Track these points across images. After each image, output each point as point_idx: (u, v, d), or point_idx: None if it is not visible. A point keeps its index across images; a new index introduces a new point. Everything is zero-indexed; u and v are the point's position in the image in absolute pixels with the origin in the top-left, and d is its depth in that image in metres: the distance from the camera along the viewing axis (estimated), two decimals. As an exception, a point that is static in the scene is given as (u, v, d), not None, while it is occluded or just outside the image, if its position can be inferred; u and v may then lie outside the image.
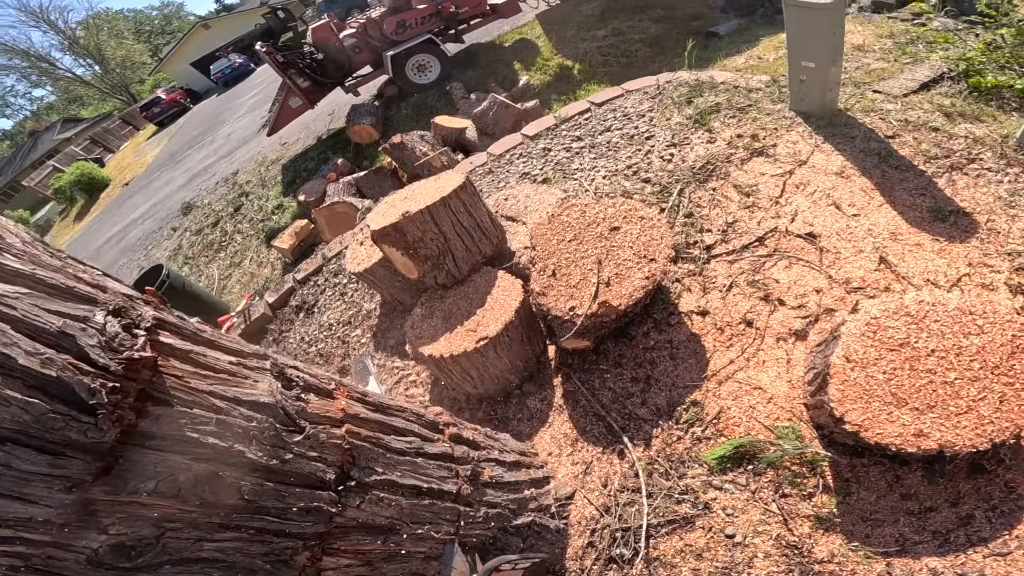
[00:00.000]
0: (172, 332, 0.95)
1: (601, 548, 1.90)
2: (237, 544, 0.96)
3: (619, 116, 3.95)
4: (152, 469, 0.82)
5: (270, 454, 0.98)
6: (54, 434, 0.71)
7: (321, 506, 1.06)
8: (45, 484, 0.73)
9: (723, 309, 2.39)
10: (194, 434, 0.87)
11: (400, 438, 1.34)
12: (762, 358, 2.18)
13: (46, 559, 0.77)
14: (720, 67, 4.53)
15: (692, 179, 3.00)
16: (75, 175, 20.01)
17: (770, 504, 1.80)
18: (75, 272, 0.85)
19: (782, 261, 2.48)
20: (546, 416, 2.39)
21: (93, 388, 0.73)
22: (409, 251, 2.29)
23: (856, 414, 1.54)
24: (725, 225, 2.72)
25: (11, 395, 0.68)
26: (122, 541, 0.83)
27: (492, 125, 5.41)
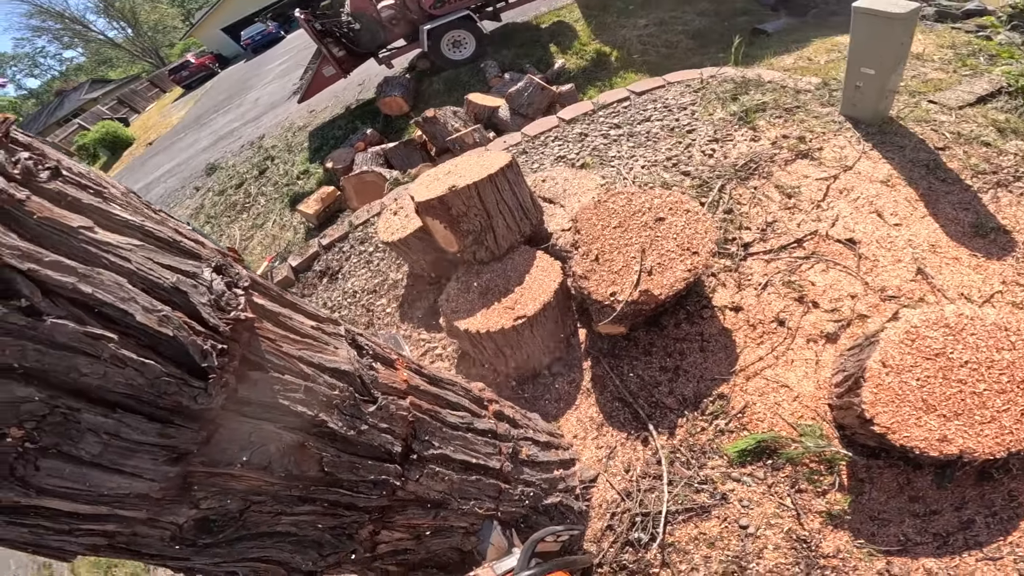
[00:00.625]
0: (261, 292, 0.94)
1: (620, 531, 1.96)
2: (311, 518, 0.97)
3: (659, 107, 3.91)
4: (247, 439, 0.82)
5: (348, 424, 0.98)
6: (166, 399, 0.69)
7: (388, 479, 1.08)
8: (151, 456, 0.70)
9: (756, 306, 2.41)
10: (285, 401, 0.87)
11: (454, 412, 1.38)
12: (791, 357, 2.21)
13: (130, 536, 0.75)
14: (767, 65, 4.44)
15: (733, 176, 2.99)
16: (99, 133, 20.12)
17: (785, 499, 1.86)
18: (175, 226, 0.83)
19: (819, 264, 2.48)
20: (573, 399, 2.43)
21: (206, 350, 0.71)
22: (452, 225, 2.32)
23: (886, 417, 1.59)
24: (764, 224, 2.72)
25: (127, 355, 0.64)
26: (207, 516, 0.83)
27: (526, 106, 5.36)
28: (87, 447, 0.64)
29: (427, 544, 1.28)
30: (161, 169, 13.13)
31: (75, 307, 0.61)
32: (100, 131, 20.14)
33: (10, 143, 0.61)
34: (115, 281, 0.65)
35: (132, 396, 0.67)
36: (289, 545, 0.96)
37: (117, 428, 0.65)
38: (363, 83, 8.79)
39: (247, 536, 0.89)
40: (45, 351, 0.58)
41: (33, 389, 0.58)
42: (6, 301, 0.55)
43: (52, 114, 31.85)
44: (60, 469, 0.63)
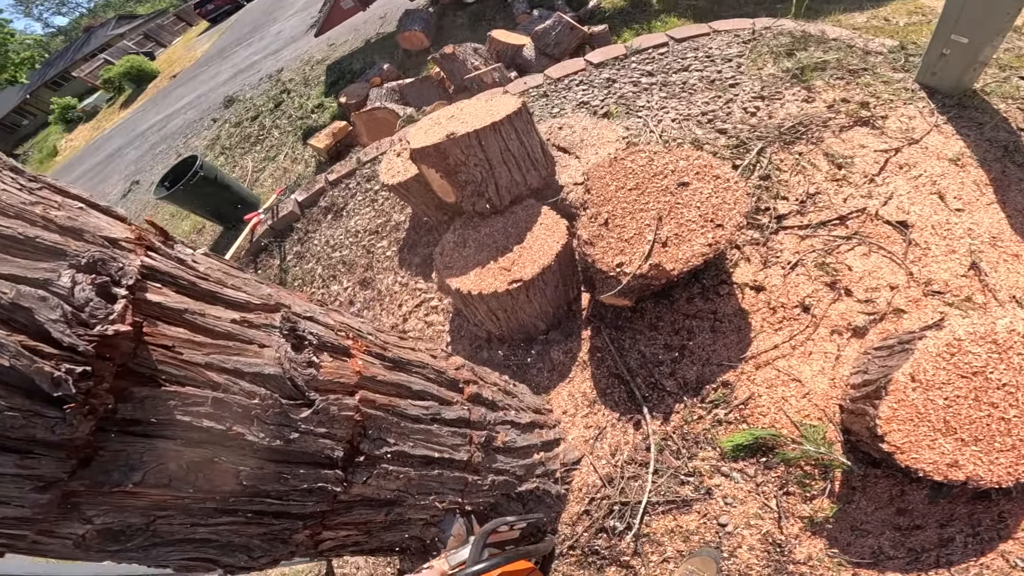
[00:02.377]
0: (166, 283, 0.78)
1: (596, 517, 1.89)
2: (233, 527, 0.85)
3: (701, 56, 3.47)
4: (138, 459, 0.70)
5: (273, 434, 0.84)
6: (16, 432, 0.58)
7: (326, 486, 0.94)
8: (15, 484, 0.61)
9: (781, 288, 2.16)
10: (186, 417, 0.73)
11: (417, 403, 1.21)
12: (810, 349, 1.99)
13: (30, 544, 0.67)
14: (834, 22, 3.89)
15: (777, 138, 2.64)
16: (125, 67, 20.30)
17: (771, 499, 1.77)
18: (45, 211, 0.66)
19: (861, 247, 2.19)
20: (568, 370, 2.27)
21: (57, 377, 0.58)
22: (449, 174, 2.08)
23: (898, 436, 1.42)
24: (805, 195, 2.41)
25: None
26: (110, 527, 0.73)
27: (553, 46, 4.89)
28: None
29: (380, 537, 1.16)
30: (182, 101, 12.96)
31: None
32: (125, 65, 20.37)
33: None
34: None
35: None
36: (213, 550, 0.85)
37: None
38: (384, 16, 8.24)
39: (162, 543, 0.78)
40: None
41: None
42: None
43: (79, 50, 31.88)
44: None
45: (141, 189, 8.43)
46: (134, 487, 0.69)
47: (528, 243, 2.10)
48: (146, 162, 9.88)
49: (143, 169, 9.53)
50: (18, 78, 26.80)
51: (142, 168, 9.64)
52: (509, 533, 1.17)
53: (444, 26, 6.83)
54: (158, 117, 13.11)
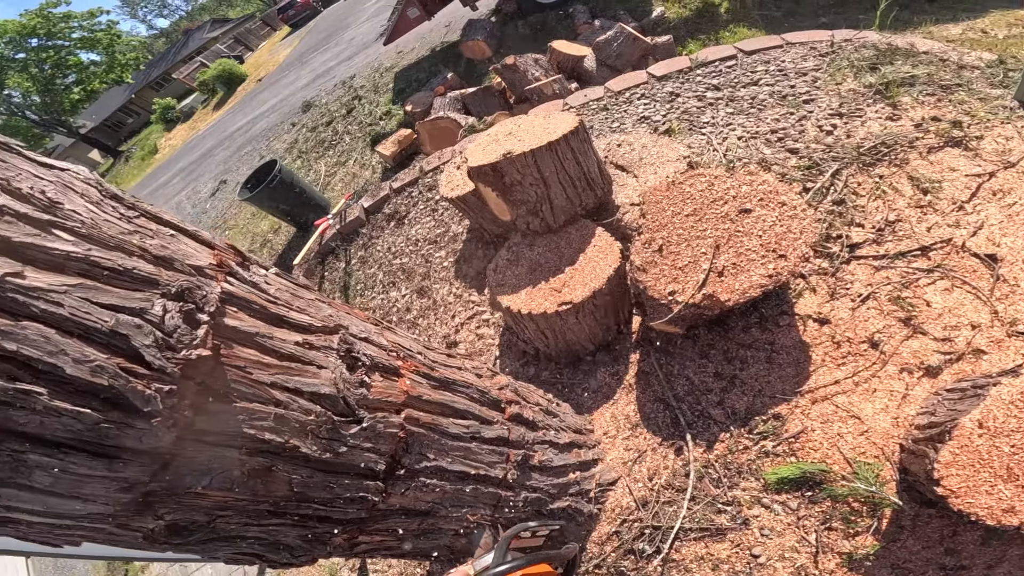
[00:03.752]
0: (241, 307, 0.87)
1: (625, 539, 1.88)
2: (281, 528, 0.94)
3: (772, 70, 3.32)
4: (207, 465, 0.79)
5: (324, 448, 0.93)
6: (109, 440, 0.68)
7: (366, 496, 1.02)
8: (103, 485, 0.71)
9: (848, 322, 2.04)
10: (251, 431, 0.82)
11: (459, 421, 1.28)
12: (874, 386, 1.87)
13: (107, 535, 0.78)
14: (925, 34, 3.59)
15: (855, 159, 2.48)
16: (217, 70, 22.01)
17: (810, 534, 1.69)
18: (141, 240, 0.76)
19: (942, 281, 2.02)
20: (613, 392, 2.27)
21: (148, 396, 0.68)
22: (504, 194, 2.15)
23: (955, 480, 1.33)
24: (883, 223, 2.25)
25: (61, 406, 0.62)
26: (176, 523, 0.83)
27: (614, 57, 4.85)
28: (38, 480, 0.65)
29: (412, 543, 1.24)
30: (265, 105, 14.02)
31: (5, 363, 0.58)
32: (217, 68, 22.14)
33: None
34: (41, 334, 0.60)
35: (74, 438, 0.65)
36: (260, 547, 0.95)
37: (63, 466, 0.65)
38: (449, 25, 8.50)
39: (218, 539, 0.89)
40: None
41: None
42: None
43: (178, 53, 35.12)
44: (17, 496, 0.65)
45: (228, 188, 9.24)
46: (203, 490, 0.80)
47: (580, 265, 2.12)
48: (233, 162, 10.81)
49: (230, 169, 10.43)
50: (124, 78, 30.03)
51: (229, 168, 10.55)
52: (532, 540, 1.19)
53: (506, 36, 6.95)
54: (245, 119, 14.28)
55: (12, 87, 26.22)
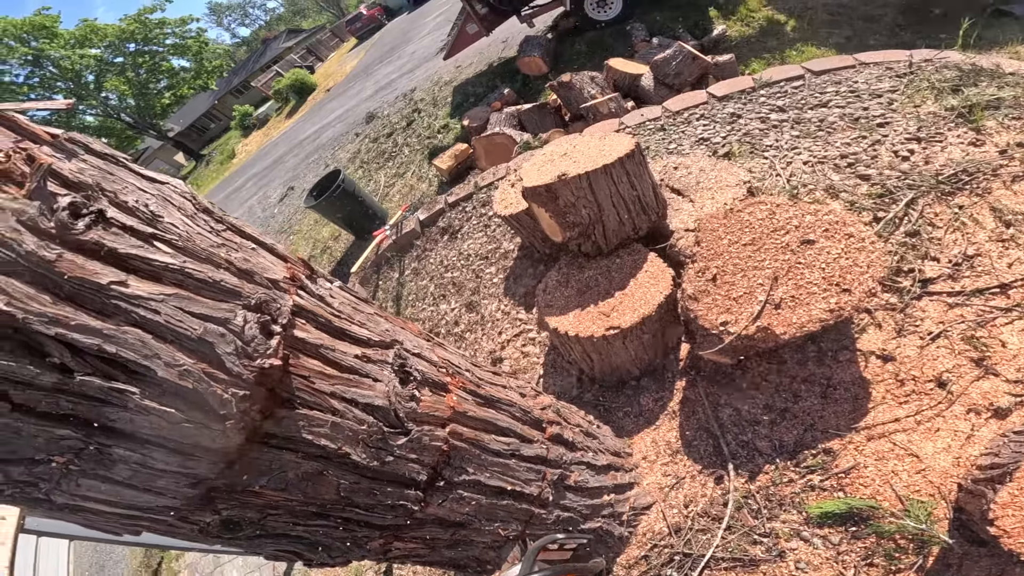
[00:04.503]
0: (309, 319, 0.95)
1: (654, 564, 1.87)
2: (324, 529, 1.00)
3: (843, 91, 3.18)
4: (267, 466, 0.86)
5: (373, 456, 0.99)
6: (187, 439, 0.75)
7: (406, 504, 1.08)
8: (174, 480, 0.77)
9: (915, 360, 1.92)
10: (309, 436, 0.88)
11: (500, 438, 1.32)
12: (937, 426, 1.77)
13: (167, 527, 0.85)
14: (1011, 54, 3.33)
15: (933, 188, 2.33)
16: (290, 80, 23.51)
17: (849, 569, 1.62)
18: (228, 254, 0.84)
19: (1021, 321, 1.86)
20: (655, 418, 2.24)
21: (225, 399, 0.75)
22: (558, 215, 2.19)
23: (1010, 521, 1.29)
24: (961, 257, 2.10)
25: (150, 405, 0.69)
26: (231, 519, 0.90)
27: (673, 76, 4.79)
28: (119, 472, 0.72)
29: (442, 553, 1.29)
30: (332, 115, 14.87)
31: (103, 363, 0.66)
32: (291, 78, 23.64)
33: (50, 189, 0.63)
34: (139, 339, 0.68)
35: (157, 435, 0.73)
36: (302, 546, 1.02)
37: (144, 460, 0.73)
38: (507, 41, 8.70)
39: (265, 536, 0.96)
40: (77, 402, 0.65)
41: (69, 430, 0.66)
42: (40, 360, 0.61)
43: (257, 61, 37.79)
44: (97, 487, 0.73)
45: (295, 195, 9.87)
46: (260, 489, 0.86)
47: (630, 290, 2.12)
48: (301, 169, 11.54)
49: (298, 176, 11.14)
50: (209, 84, 32.53)
51: (297, 175, 11.28)
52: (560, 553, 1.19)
53: (562, 52, 7.03)
54: (313, 128, 15.22)
55: (109, 90, 28.42)
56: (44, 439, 0.65)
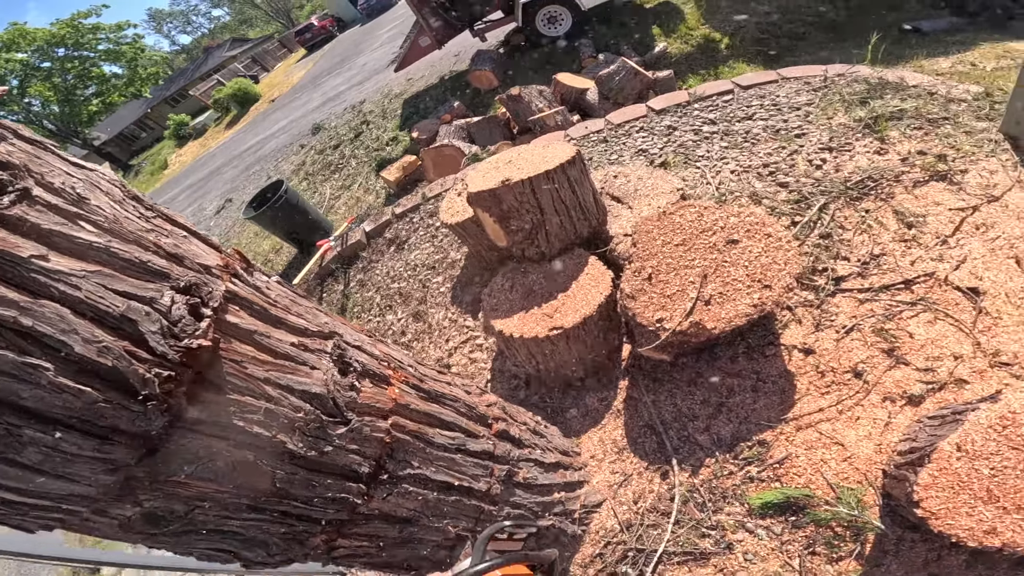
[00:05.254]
0: (243, 306, 0.92)
1: (608, 561, 1.89)
2: (259, 524, 0.96)
3: (767, 104, 3.44)
4: (194, 454, 0.82)
5: (310, 445, 0.96)
6: (103, 420, 0.72)
7: (348, 497, 1.05)
8: (89, 466, 0.73)
9: (832, 352, 2.07)
10: (240, 423, 0.85)
11: (445, 432, 1.31)
12: (857, 414, 1.90)
13: (82, 521, 0.80)
14: (915, 67, 3.73)
15: (843, 193, 2.55)
16: (232, 89, 22.64)
17: (794, 558, 1.69)
18: (157, 238, 0.82)
19: (926, 314, 2.06)
20: (601, 417, 2.28)
21: (147, 379, 0.72)
22: (502, 220, 2.22)
23: (935, 503, 1.36)
24: (868, 256, 2.30)
25: (64, 383, 0.67)
26: (154, 512, 0.85)
27: (616, 91, 5.01)
28: (29, 456, 0.68)
29: (392, 552, 1.25)
30: (276, 126, 14.39)
31: (18, 337, 0.64)
32: (233, 87, 22.70)
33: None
34: (57, 313, 0.66)
35: (71, 416, 0.69)
36: (236, 543, 0.97)
37: (56, 443, 0.69)
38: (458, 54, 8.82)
39: (193, 532, 0.91)
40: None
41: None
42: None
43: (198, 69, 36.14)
44: (5, 472, 0.68)
45: (232, 207, 9.42)
46: (186, 478, 0.82)
47: (572, 292, 2.17)
48: (240, 181, 11.04)
49: (237, 188, 10.65)
50: (143, 92, 30.71)
51: (236, 187, 10.78)
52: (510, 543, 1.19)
53: (513, 66, 7.19)
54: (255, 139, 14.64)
55: (33, 95, 26.61)
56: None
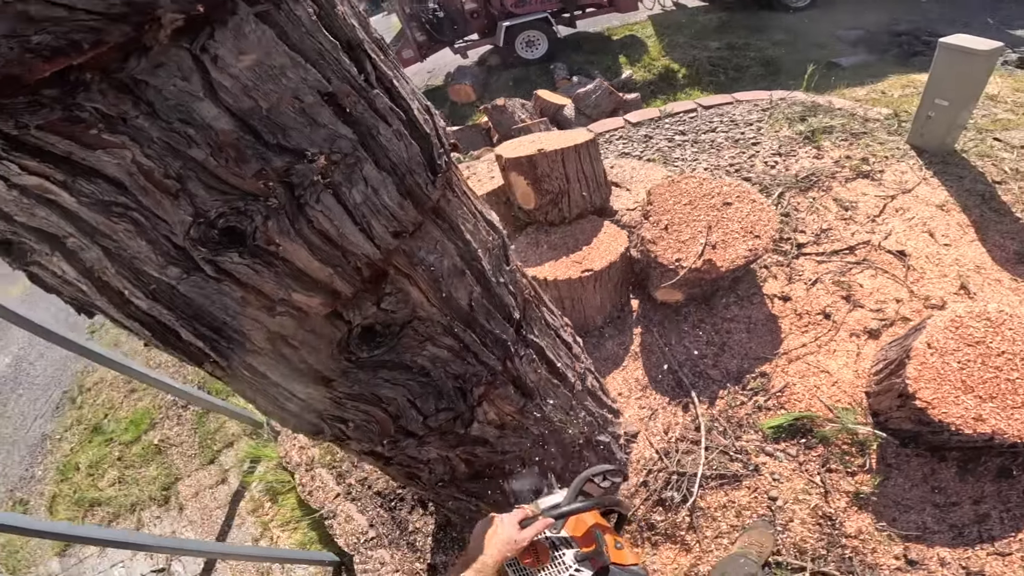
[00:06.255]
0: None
1: (654, 489, 2.05)
2: (448, 355, 1.14)
3: (726, 121, 4.11)
4: (435, 245, 1.02)
5: (493, 270, 1.18)
6: (410, 178, 0.90)
7: (506, 340, 1.26)
8: (386, 222, 0.87)
9: (805, 299, 2.57)
10: (461, 225, 1.08)
11: (550, 313, 1.59)
12: (833, 347, 2.35)
13: (306, 334, 0.93)
14: (839, 95, 4.61)
15: (794, 185, 3.16)
16: None
17: (815, 476, 1.97)
18: None
19: (869, 271, 2.63)
20: (621, 360, 2.62)
21: (440, 151, 0.96)
22: (535, 183, 2.56)
23: (928, 392, 1.70)
24: (819, 230, 2.88)
25: (405, 132, 0.88)
26: (374, 324, 0.98)
27: (592, 108, 5.62)
28: (355, 195, 0.82)
29: (503, 442, 1.45)
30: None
31: (387, 93, 0.87)
32: None
33: None
34: (409, 88, 0.92)
35: (394, 167, 0.88)
36: (417, 386, 1.14)
37: (379, 185, 0.85)
38: (432, 70, 9.24)
39: (389, 365, 1.08)
40: (367, 110, 0.83)
41: (350, 130, 0.81)
42: (358, 72, 0.81)
43: None
44: (330, 208, 0.81)
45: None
46: (422, 270, 1.01)
47: (595, 245, 2.54)
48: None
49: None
50: None
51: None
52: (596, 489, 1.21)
53: (490, 84, 7.72)
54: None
55: None
56: (327, 133, 0.77)
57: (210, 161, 0.69)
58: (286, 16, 0.71)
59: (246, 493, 3.06)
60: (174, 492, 3.21)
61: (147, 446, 3.52)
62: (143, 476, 3.35)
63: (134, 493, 3.24)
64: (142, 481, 3.31)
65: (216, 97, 0.67)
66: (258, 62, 0.69)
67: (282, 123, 0.74)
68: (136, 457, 3.49)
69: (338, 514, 2.48)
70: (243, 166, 0.72)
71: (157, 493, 3.21)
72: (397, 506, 2.42)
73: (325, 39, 0.76)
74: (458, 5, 7.27)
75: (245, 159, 0.72)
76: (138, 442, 3.58)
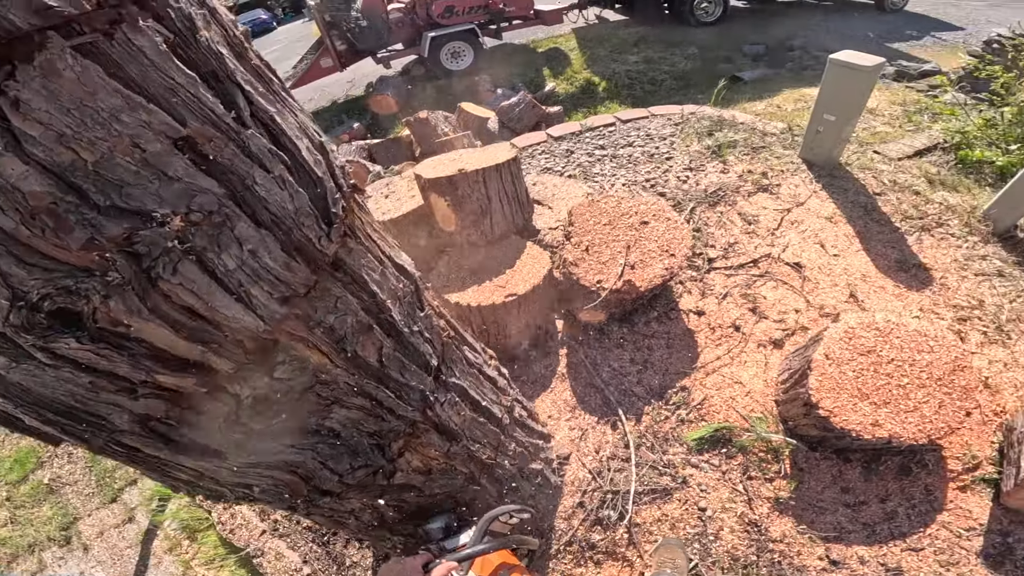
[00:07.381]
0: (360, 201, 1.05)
1: (590, 508, 2.07)
2: (360, 415, 1.03)
3: (642, 135, 4.28)
4: (335, 304, 0.90)
5: (405, 320, 1.08)
6: (298, 232, 0.77)
7: (424, 391, 1.16)
8: (269, 289, 0.75)
9: (717, 313, 2.70)
10: (366, 276, 0.96)
11: (472, 351, 1.51)
12: (744, 359, 2.49)
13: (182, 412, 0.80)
14: (741, 109, 4.97)
15: (704, 200, 3.33)
16: None
17: (738, 484, 2.07)
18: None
19: (771, 282, 2.82)
20: (548, 382, 2.59)
21: (336, 197, 0.82)
22: (456, 204, 2.48)
23: (829, 402, 1.83)
24: (727, 244, 3.05)
25: (290, 180, 0.74)
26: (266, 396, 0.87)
27: (515, 121, 5.65)
28: (226, 260, 0.69)
29: (433, 483, 1.37)
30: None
31: (267, 132, 0.74)
32: None
33: None
34: (296, 123, 0.79)
35: (277, 222, 0.75)
36: (328, 448, 1.03)
37: (258, 245, 0.72)
38: (352, 80, 8.89)
39: (294, 431, 0.96)
40: (236, 155, 0.68)
41: (214, 182, 0.67)
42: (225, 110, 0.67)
43: None
44: (193, 279, 0.67)
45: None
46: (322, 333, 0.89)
47: (518, 268, 2.49)
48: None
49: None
50: None
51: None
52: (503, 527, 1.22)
53: (412, 95, 7.54)
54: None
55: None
56: (182, 188, 0.63)
57: (21, 231, 0.57)
58: (121, 48, 0.58)
59: (159, 531, 2.77)
60: (75, 532, 2.86)
61: (36, 485, 3.14)
62: (36, 516, 2.98)
63: (29, 533, 2.87)
64: (36, 521, 2.94)
65: (21, 150, 0.54)
66: (78, 105, 0.55)
67: (117, 179, 0.60)
68: (26, 497, 3.09)
69: (266, 552, 2.26)
70: (66, 236, 0.58)
71: (56, 533, 2.85)
72: (331, 540, 2.27)
73: (179, 72, 0.63)
74: (382, 14, 7.04)
75: (67, 227, 0.58)
76: (26, 481, 3.18)
